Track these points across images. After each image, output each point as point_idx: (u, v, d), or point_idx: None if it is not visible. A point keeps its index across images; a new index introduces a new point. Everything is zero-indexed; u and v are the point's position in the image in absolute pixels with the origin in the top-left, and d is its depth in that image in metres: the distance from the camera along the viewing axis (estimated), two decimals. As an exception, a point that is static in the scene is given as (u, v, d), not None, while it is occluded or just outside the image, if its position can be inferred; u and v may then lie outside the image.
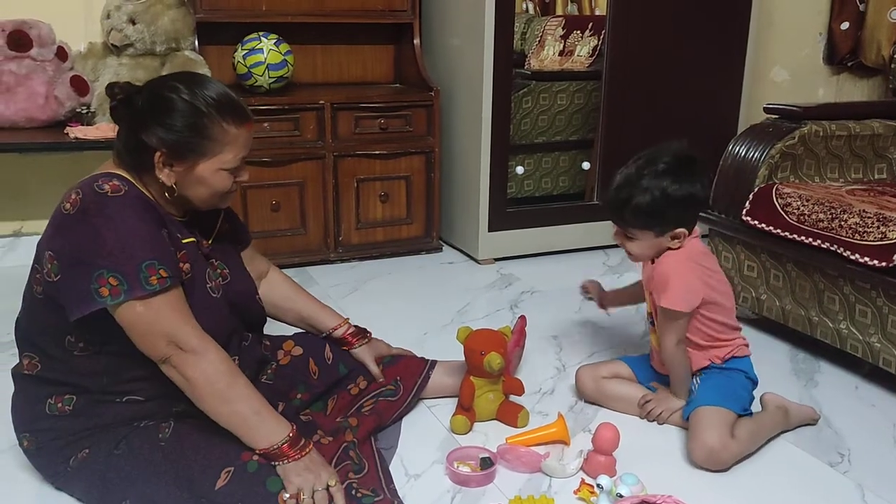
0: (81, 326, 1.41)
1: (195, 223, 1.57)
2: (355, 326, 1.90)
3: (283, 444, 1.42)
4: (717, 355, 1.86)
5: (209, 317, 1.49)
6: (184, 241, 1.50)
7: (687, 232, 1.77)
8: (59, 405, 1.50)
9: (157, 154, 1.43)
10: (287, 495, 1.39)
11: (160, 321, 1.38)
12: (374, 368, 1.85)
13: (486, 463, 1.65)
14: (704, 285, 1.79)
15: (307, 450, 1.44)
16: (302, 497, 1.39)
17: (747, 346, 1.91)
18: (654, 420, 1.89)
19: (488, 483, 1.63)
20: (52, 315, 1.44)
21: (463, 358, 1.99)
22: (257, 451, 1.42)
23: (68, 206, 1.40)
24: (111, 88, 1.48)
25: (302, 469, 1.41)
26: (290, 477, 1.40)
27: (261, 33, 2.87)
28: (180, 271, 1.45)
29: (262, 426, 1.43)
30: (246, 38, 2.87)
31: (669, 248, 1.79)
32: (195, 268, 1.50)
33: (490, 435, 1.82)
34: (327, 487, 1.41)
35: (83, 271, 1.36)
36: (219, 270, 1.61)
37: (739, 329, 1.91)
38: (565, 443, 1.78)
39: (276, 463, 1.42)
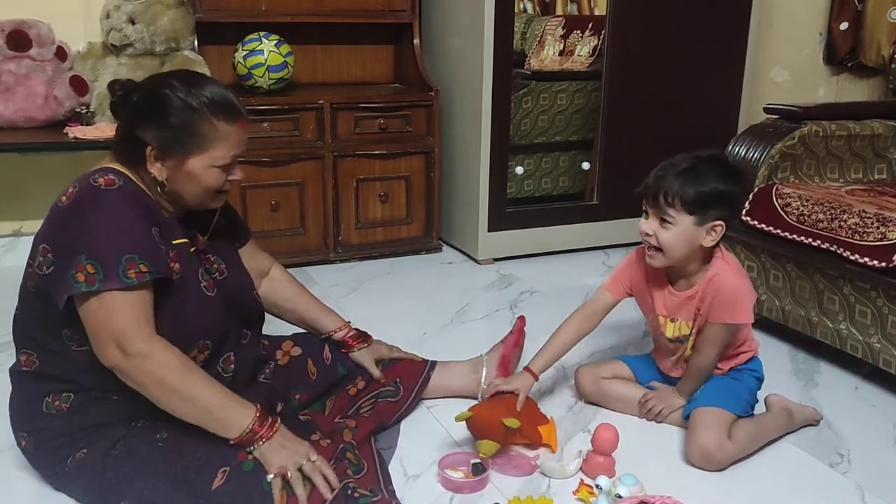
0: (76, 321, 1.41)
1: (191, 220, 1.57)
2: (356, 329, 1.90)
3: (253, 424, 1.42)
4: (742, 360, 1.86)
5: (204, 316, 1.49)
6: (175, 241, 1.50)
7: (724, 227, 1.72)
8: (57, 403, 1.50)
9: (149, 148, 1.44)
10: (270, 476, 1.38)
11: (110, 321, 1.36)
12: (375, 371, 1.85)
13: (479, 469, 1.64)
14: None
15: (276, 426, 1.44)
16: (289, 474, 1.39)
17: (756, 342, 1.91)
18: (653, 418, 1.89)
19: (481, 489, 1.62)
20: (46, 309, 1.44)
21: (462, 358, 2.00)
22: (231, 441, 1.42)
23: (64, 199, 1.42)
24: (112, 86, 1.50)
25: (277, 447, 1.42)
26: (268, 457, 1.40)
27: (262, 34, 2.87)
28: (169, 269, 1.44)
29: (229, 413, 1.42)
30: (247, 39, 2.87)
31: (702, 249, 1.73)
32: (186, 268, 1.50)
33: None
34: (309, 461, 1.42)
35: (68, 258, 1.36)
36: (215, 266, 1.61)
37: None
38: (551, 448, 1.76)
39: (252, 447, 1.41)
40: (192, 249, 1.55)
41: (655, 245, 1.73)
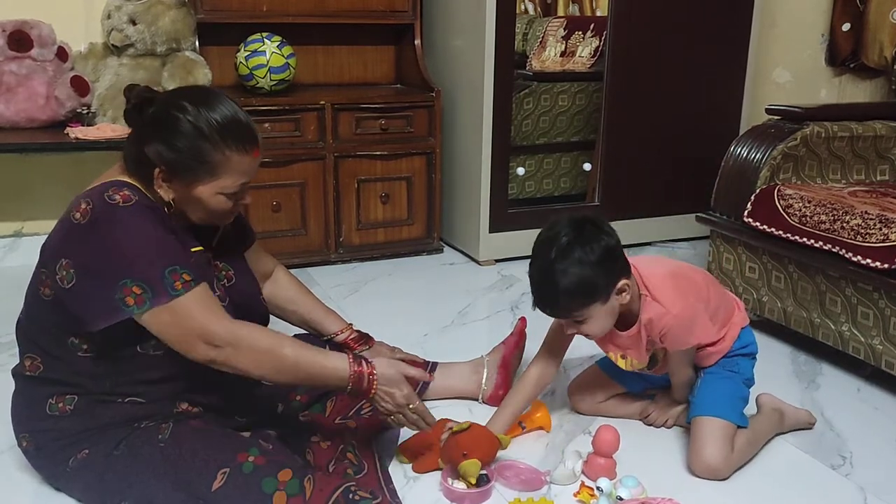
0: (87, 330, 1.41)
1: (199, 228, 1.56)
2: (358, 332, 1.90)
3: (354, 366, 1.47)
4: (734, 334, 1.79)
5: None
6: (192, 249, 1.50)
7: (628, 280, 1.61)
8: (60, 405, 1.50)
9: (157, 170, 1.43)
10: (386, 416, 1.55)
11: (188, 323, 1.38)
12: None
13: (483, 479, 1.62)
14: (704, 301, 1.72)
15: (372, 365, 1.50)
16: (394, 417, 1.53)
17: (741, 308, 1.84)
18: (660, 427, 1.89)
19: (484, 500, 1.60)
20: (57, 317, 1.44)
21: (463, 360, 1.99)
22: (348, 389, 1.48)
23: (78, 215, 1.39)
24: (129, 90, 1.47)
25: (385, 396, 1.51)
26: (380, 404, 1.52)
27: (264, 35, 2.87)
28: (200, 273, 1.44)
29: (335, 363, 1.47)
30: (249, 39, 2.87)
31: (622, 304, 1.63)
32: (204, 277, 1.49)
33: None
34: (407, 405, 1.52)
35: (106, 282, 1.36)
36: (223, 272, 1.61)
37: (732, 298, 1.85)
38: (546, 429, 1.80)
39: (371, 395, 1.51)
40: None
41: (587, 334, 1.67)
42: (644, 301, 1.67)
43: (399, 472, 1.68)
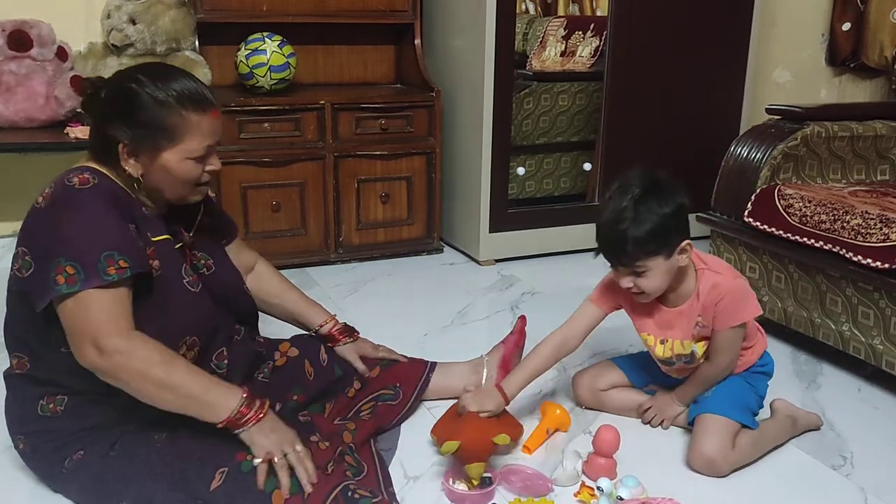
0: (58, 323, 1.39)
1: (173, 216, 1.56)
2: (343, 323, 1.90)
3: (241, 406, 1.40)
4: (759, 351, 1.82)
5: (190, 312, 1.49)
6: (154, 238, 1.48)
7: (690, 243, 1.68)
8: (52, 406, 1.49)
9: (121, 145, 1.43)
10: (258, 460, 1.39)
11: (82, 323, 1.35)
12: (360, 365, 1.84)
13: (485, 482, 1.61)
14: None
15: (265, 409, 1.44)
16: (275, 459, 1.39)
17: (762, 330, 1.87)
18: (656, 426, 1.88)
19: (486, 502, 1.59)
20: (30, 312, 1.43)
21: (463, 359, 1.99)
22: (218, 425, 1.39)
23: (41, 199, 1.43)
24: (83, 83, 1.50)
25: (268, 431, 1.42)
26: (256, 440, 1.40)
27: (265, 34, 2.87)
28: (148, 264, 1.43)
29: (215, 397, 1.40)
30: (250, 38, 2.87)
31: (680, 267, 1.69)
32: (167, 265, 1.48)
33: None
34: (295, 450, 1.41)
35: (46, 262, 1.36)
36: (202, 262, 1.61)
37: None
38: (563, 428, 1.82)
39: (241, 430, 1.40)
40: (178, 246, 1.55)
41: (638, 292, 1.70)
42: (702, 273, 1.73)
43: (399, 472, 1.67)
